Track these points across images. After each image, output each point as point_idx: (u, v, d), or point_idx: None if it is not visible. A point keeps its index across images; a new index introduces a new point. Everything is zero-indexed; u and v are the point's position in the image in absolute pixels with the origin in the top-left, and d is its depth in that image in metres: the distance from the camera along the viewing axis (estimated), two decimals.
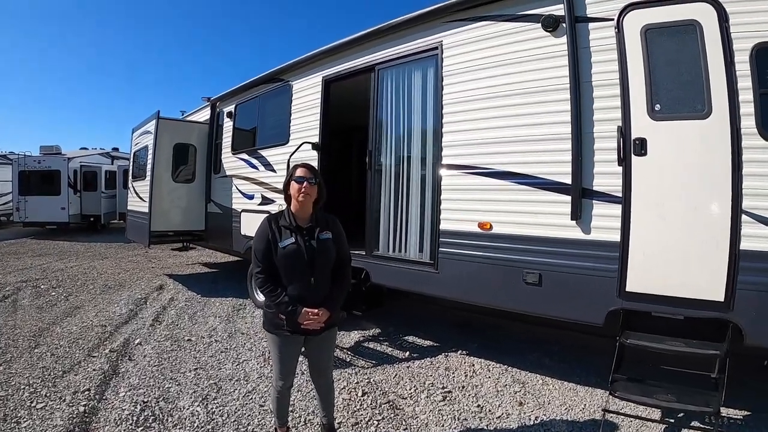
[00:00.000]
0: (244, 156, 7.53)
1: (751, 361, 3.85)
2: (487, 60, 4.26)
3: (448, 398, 3.98)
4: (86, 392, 3.93)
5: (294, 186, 2.71)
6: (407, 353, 5.01)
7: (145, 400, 3.81)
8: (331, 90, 5.96)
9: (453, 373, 4.50)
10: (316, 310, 2.62)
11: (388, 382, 4.28)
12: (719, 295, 3.27)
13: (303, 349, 2.91)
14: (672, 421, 3.61)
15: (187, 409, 3.69)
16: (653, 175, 3.48)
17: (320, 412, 3.11)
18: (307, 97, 6.21)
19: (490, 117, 4.22)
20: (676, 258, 3.41)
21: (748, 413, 3.70)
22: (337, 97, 6.10)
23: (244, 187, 7.50)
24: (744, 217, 3.20)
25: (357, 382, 4.23)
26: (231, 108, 8.08)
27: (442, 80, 4.58)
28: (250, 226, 7.14)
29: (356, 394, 3.99)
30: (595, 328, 3.82)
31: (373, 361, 4.77)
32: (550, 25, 3.87)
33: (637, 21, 3.57)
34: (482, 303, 4.43)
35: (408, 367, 4.63)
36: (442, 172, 4.55)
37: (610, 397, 3.42)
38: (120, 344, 5.15)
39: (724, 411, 3.48)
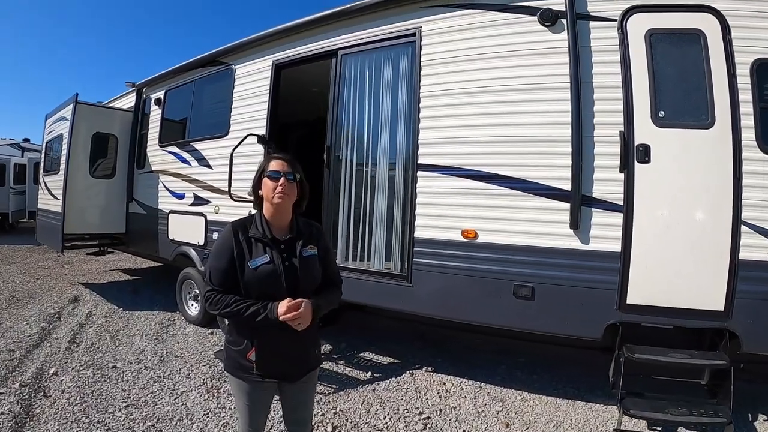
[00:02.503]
0: (174, 149, 6.65)
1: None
2: (475, 51, 3.92)
3: (428, 426, 3.59)
4: None
5: (268, 184, 2.07)
6: (369, 373, 4.54)
7: None
8: (282, 76, 5.33)
9: (425, 394, 4.12)
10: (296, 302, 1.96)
11: (356, 411, 3.79)
12: (719, 305, 3.33)
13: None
14: None
15: None
16: (656, 183, 3.43)
17: None
18: (253, 84, 5.51)
19: (478, 114, 3.87)
20: (678, 268, 3.40)
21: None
22: (289, 85, 5.47)
23: (173, 185, 6.63)
24: (743, 228, 3.28)
25: (323, 414, 3.68)
26: (160, 94, 7.15)
27: (420, 70, 4.15)
28: (179, 229, 6.38)
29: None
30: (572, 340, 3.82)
31: (334, 385, 4.24)
32: (549, 19, 3.65)
33: (641, 24, 3.53)
34: (465, 320, 4.08)
35: (374, 391, 4.17)
36: (418, 173, 4.11)
37: (623, 416, 3.31)
38: (32, 375, 4.22)
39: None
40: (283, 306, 1.92)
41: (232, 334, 2.12)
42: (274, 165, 2.10)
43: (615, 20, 3.55)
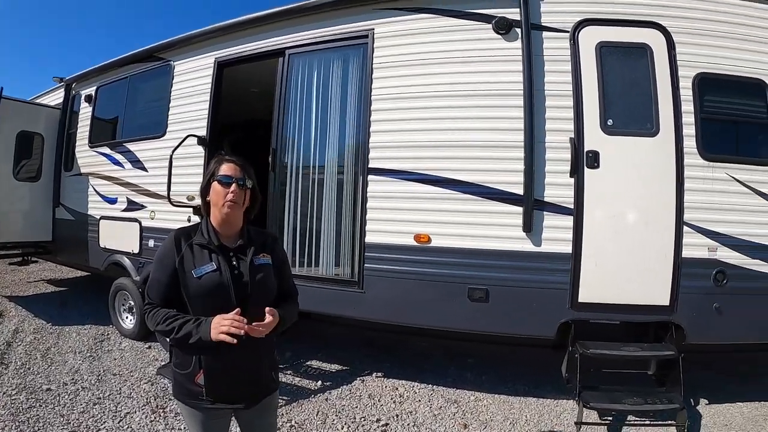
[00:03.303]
0: (106, 150, 6.19)
1: None
2: (429, 55, 3.95)
3: None
4: None
5: (217, 189, 1.88)
6: (319, 382, 4.40)
7: None
8: (225, 74, 5.08)
9: (379, 400, 4.06)
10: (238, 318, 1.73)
11: (312, 422, 3.68)
12: (665, 300, 3.62)
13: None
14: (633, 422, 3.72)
15: None
16: (605, 187, 3.62)
17: None
18: (193, 81, 5.21)
19: (429, 118, 3.88)
20: (627, 267, 3.63)
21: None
22: (227, 85, 5.23)
23: (104, 189, 6.16)
24: (686, 228, 3.59)
25: (279, 428, 3.45)
26: (91, 91, 6.63)
27: (372, 73, 4.09)
28: (111, 236, 5.94)
29: None
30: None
31: (285, 397, 4.05)
32: (503, 27, 3.76)
33: (592, 36, 3.72)
34: (420, 324, 4.07)
35: (327, 400, 4.05)
36: (369, 177, 4.02)
37: (584, 409, 3.44)
38: None
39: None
40: (217, 323, 1.71)
41: (178, 356, 1.90)
42: (226, 169, 1.90)
43: (567, 32, 3.70)
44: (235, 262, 1.88)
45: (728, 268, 3.64)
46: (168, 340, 1.93)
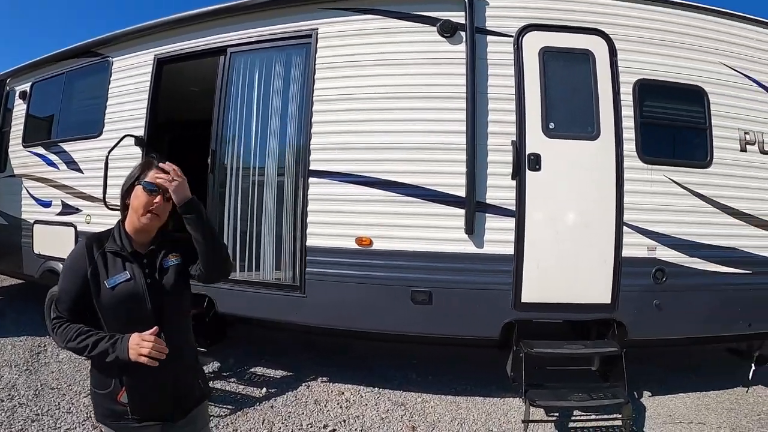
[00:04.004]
0: (40, 150, 5.88)
1: None
2: (372, 57, 3.92)
3: None
4: None
5: (140, 195, 1.75)
6: (264, 389, 4.29)
7: None
8: (165, 72, 4.89)
9: (325, 406, 4.01)
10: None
11: (258, 431, 3.59)
12: (607, 298, 3.72)
13: None
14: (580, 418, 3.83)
15: None
16: (546, 189, 3.69)
17: None
18: (132, 79, 4.99)
19: (373, 120, 3.85)
20: (569, 267, 3.73)
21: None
22: (172, 83, 5.07)
23: (38, 191, 5.84)
24: (625, 228, 3.70)
25: None
26: (26, 87, 6.28)
27: (314, 73, 4.01)
28: (46, 241, 5.62)
29: None
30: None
31: (230, 406, 3.94)
32: (448, 30, 3.77)
33: (536, 42, 3.78)
34: (363, 328, 4.03)
35: (272, 408, 3.96)
36: (310, 179, 3.95)
37: (531, 407, 3.49)
38: None
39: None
40: (135, 343, 1.61)
41: (95, 376, 1.78)
42: (154, 176, 1.75)
43: (511, 36, 3.75)
44: (148, 270, 1.77)
45: (667, 266, 3.77)
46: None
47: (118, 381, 1.71)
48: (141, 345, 1.60)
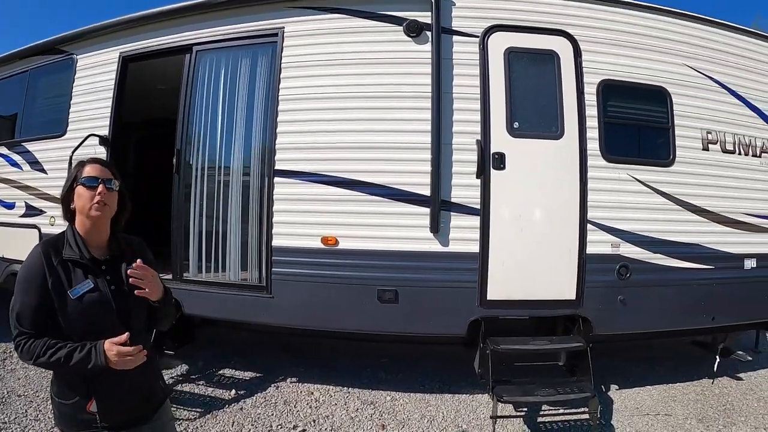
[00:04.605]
0: (3, 150, 5.72)
1: None
2: (338, 56, 3.91)
3: None
4: None
5: (82, 194, 1.71)
6: (233, 391, 4.25)
7: None
8: (130, 70, 4.79)
9: (295, 406, 3.98)
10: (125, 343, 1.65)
11: None
12: (572, 294, 3.77)
13: None
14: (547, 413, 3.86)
15: None
16: (511, 188, 3.72)
17: None
18: (96, 77, 4.88)
19: (338, 119, 3.84)
20: (534, 264, 3.75)
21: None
22: (132, 79, 4.94)
23: (0, 193, 5.68)
24: (589, 226, 3.75)
25: None
26: None
27: (280, 72, 3.99)
28: (9, 244, 5.45)
29: None
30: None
31: (199, 409, 3.89)
32: (414, 30, 3.77)
33: (501, 42, 3.81)
34: (329, 328, 4.04)
35: (242, 409, 3.93)
36: (275, 179, 3.92)
37: (499, 403, 3.52)
38: None
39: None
40: (112, 347, 1.60)
41: (59, 386, 1.74)
42: (90, 170, 1.74)
43: (477, 36, 3.77)
44: (110, 276, 1.74)
45: (631, 262, 3.84)
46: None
47: (85, 392, 1.68)
48: (120, 351, 1.60)
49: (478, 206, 3.66)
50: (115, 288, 1.73)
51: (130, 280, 1.66)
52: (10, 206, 5.50)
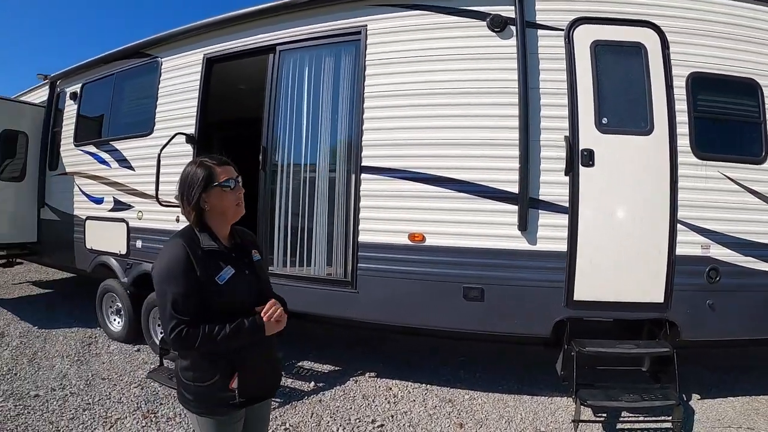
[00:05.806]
0: (92, 149, 6.05)
1: None
2: (423, 53, 3.91)
3: None
4: None
5: (223, 195, 1.85)
6: (312, 383, 4.35)
7: None
8: (214, 71, 4.98)
9: (373, 401, 4.02)
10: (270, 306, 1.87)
11: (307, 424, 3.64)
12: (659, 297, 3.63)
13: None
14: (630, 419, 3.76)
15: None
16: (599, 185, 3.62)
17: None
18: (182, 78, 5.10)
19: (424, 116, 3.84)
20: (621, 265, 3.63)
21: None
22: (222, 81, 5.16)
23: (89, 188, 6.02)
24: (680, 226, 3.61)
25: (273, 431, 3.46)
26: (76, 88, 6.45)
27: (365, 70, 4.03)
28: (98, 237, 5.81)
29: None
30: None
31: (278, 399, 4.00)
32: (498, 25, 3.73)
33: (586, 35, 3.71)
34: (414, 324, 4.03)
35: (321, 401, 4.01)
36: (362, 175, 3.98)
37: (581, 407, 3.45)
38: None
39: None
40: (263, 314, 1.82)
41: (198, 369, 1.83)
42: (225, 173, 1.87)
43: (562, 30, 3.69)
44: (240, 262, 1.91)
45: (721, 265, 3.66)
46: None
47: (227, 370, 1.81)
48: (273, 315, 1.82)
49: (567, 204, 3.59)
50: (248, 272, 1.92)
51: (272, 320, 1.83)
52: (98, 201, 5.83)
